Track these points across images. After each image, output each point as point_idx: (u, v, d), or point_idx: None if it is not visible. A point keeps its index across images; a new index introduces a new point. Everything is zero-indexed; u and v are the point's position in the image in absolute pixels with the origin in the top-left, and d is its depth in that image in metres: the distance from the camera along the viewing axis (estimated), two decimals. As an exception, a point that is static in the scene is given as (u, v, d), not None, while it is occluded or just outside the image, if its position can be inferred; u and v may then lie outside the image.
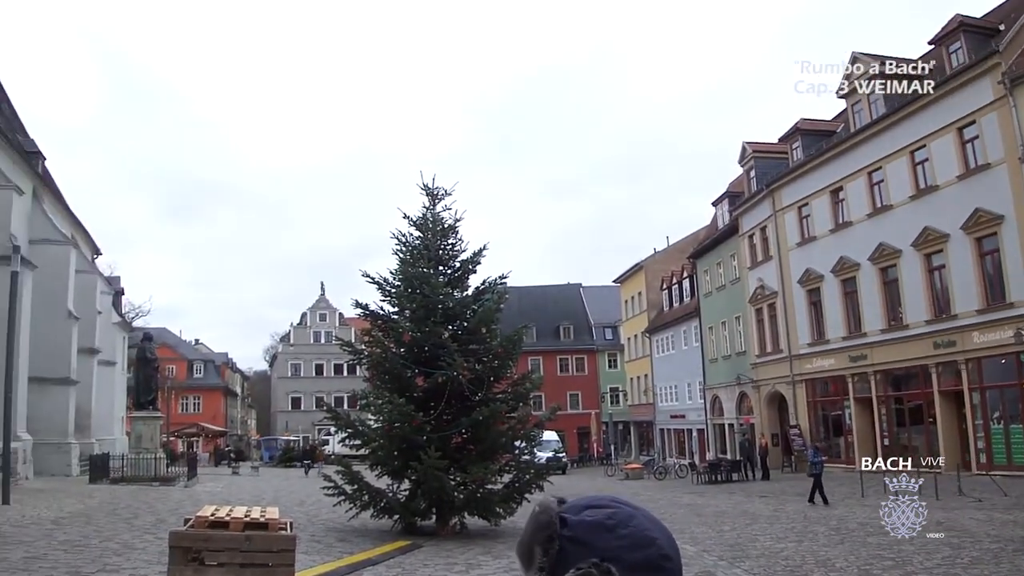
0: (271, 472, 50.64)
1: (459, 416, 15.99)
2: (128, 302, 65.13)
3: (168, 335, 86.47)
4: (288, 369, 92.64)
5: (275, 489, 30.48)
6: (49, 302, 33.74)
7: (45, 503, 21.03)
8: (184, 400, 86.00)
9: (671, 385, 56.93)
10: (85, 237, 46.26)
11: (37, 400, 31.98)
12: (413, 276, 16.92)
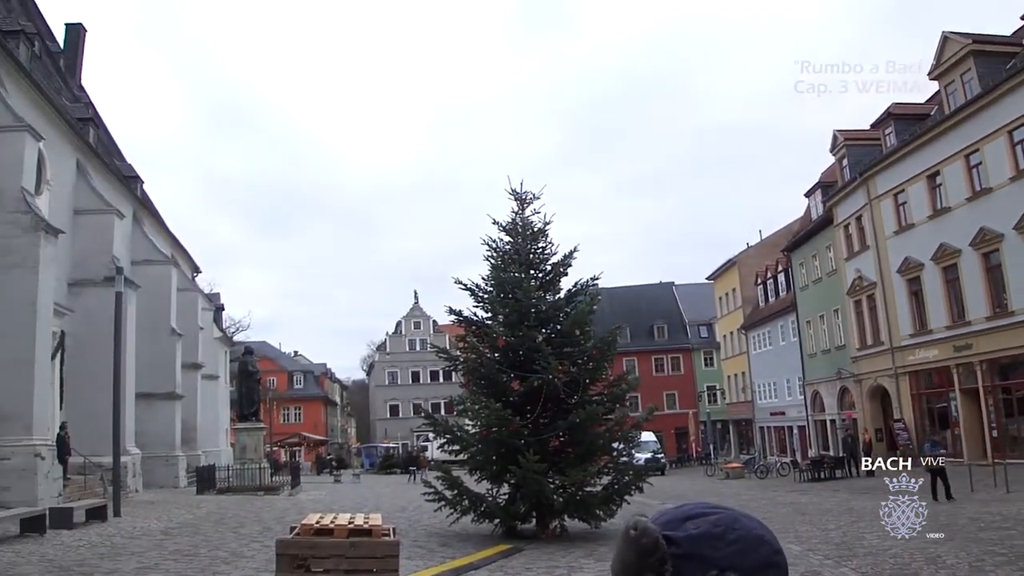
0: (372, 479, 51.31)
1: (556, 419, 15.90)
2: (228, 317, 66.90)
3: (268, 348, 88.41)
4: (385, 377, 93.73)
5: (376, 496, 30.83)
6: (153, 320, 34.80)
7: (155, 514, 21.63)
8: (285, 410, 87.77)
9: (770, 382, 55.89)
10: (184, 256, 47.59)
11: (145, 415, 33.04)
12: (505, 281, 16.90)
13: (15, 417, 21.11)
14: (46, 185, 26.95)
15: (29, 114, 24.85)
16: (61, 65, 39.57)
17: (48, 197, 26.86)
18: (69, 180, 30.04)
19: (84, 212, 30.39)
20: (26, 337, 21.69)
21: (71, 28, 44.83)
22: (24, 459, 20.86)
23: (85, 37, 45.41)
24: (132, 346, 28.97)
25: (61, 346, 27.15)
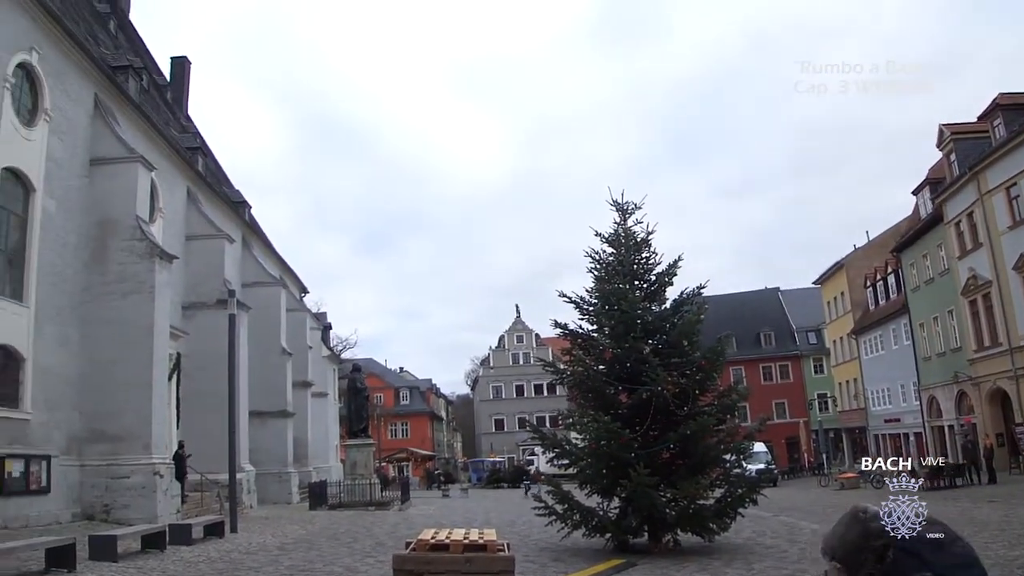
0: (480, 493, 51.46)
1: (666, 431, 15.63)
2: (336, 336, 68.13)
3: (374, 365, 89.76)
4: (490, 392, 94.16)
5: (485, 510, 30.85)
6: (264, 340, 35.65)
7: (270, 530, 22.02)
8: (393, 426, 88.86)
9: (883, 387, 54.15)
10: (292, 277, 48.69)
11: (258, 433, 33.81)
12: (610, 293, 16.71)
13: (135, 437, 21.81)
14: (159, 213, 27.89)
15: (141, 145, 25.77)
16: (168, 97, 41.02)
17: (161, 224, 27.79)
18: (181, 207, 31.05)
19: (196, 238, 31.36)
20: (144, 360, 22.40)
21: (176, 61, 46.57)
22: (144, 477, 21.52)
23: (190, 69, 47.06)
24: (245, 366, 29.67)
25: (177, 367, 27.98)
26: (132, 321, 22.60)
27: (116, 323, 22.47)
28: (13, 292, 19.75)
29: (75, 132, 22.76)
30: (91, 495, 21.26)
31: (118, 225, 23.24)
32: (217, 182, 38.81)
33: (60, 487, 20.15)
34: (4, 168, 19.26)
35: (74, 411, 21.64)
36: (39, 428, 19.92)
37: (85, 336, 22.31)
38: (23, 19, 20.10)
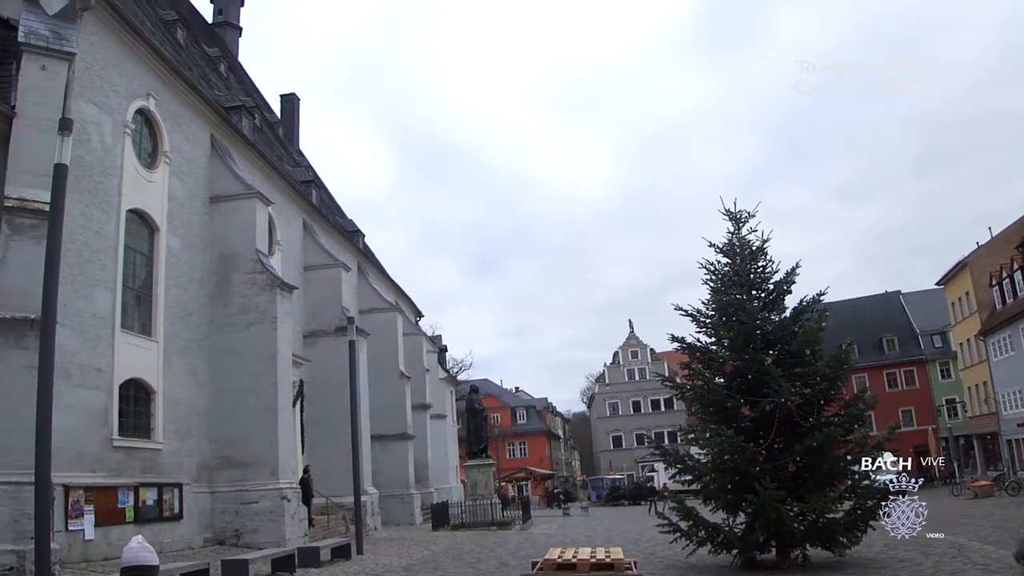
0: (600, 511, 51.05)
1: (790, 444, 15.15)
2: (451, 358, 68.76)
3: (491, 385, 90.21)
4: (606, 408, 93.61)
5: (607, 528, 30.55)
6: (382, 365, 36.19)
7: (396, 551, 22.23)
8: (511, 446, 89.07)
9: (1015, 390, 51.56)
10: (407, 302, 49.38)
11: (380, 455, 34.30)
12: (727, 304, 16.34)
13: (262, 463, 22.32)
14: (277, 246, 28.63)
15: (257, 181, 26.54)
16: (280, 133, 42.28)
17: (280, 256, 28.52)
18: (298, 239, 31.82)
19: (313, 268, 32.10)
20: (269, 387, 22.94)
21: (285, 99, 48.15)
22: (272, 502, 21.98)
23: (299, 105, 48.57)
24: (365, 390, 30.13)
25: (300, 394, 28.60)
26: (256, 351, 23.20)
27: (241, 353, 23.10)
28: (142, 328, 20.47)
29: (194, 172, 23.58)
30: (222, 520, 21.83)
31: (239, 259, 23.92)
32: (331, 213, 39.70)
33: (192, 513, 20.74)
34: (129, 210, 19.99)
35: (203, 439, 22.29)
36: (171, 457, 20.57)
37: (212, 367, 22.99)
38: (140, 68, 20.92)
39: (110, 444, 18.19)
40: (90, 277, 18.15)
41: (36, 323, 14.03)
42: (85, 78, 18.22)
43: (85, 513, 16.46)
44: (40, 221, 15.02)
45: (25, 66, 16.24)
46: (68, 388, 16.40)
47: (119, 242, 19.44)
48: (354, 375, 23.09)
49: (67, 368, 16.42)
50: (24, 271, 15.02)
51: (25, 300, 14.84)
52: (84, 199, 17.85)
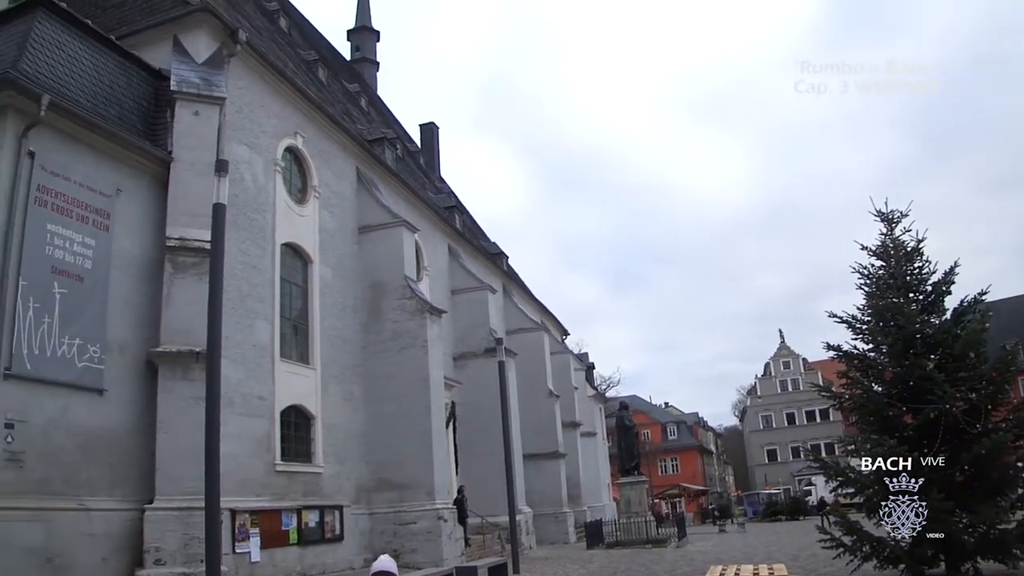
0: (757, 527, 49.57)
1: (957, 452, 14.28)
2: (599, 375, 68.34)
3: (639, 401, 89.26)
4: (759, 421, 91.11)
5: (765, 544, 29.58)
6: (531, 384, 36.25)
7: (551, 570, 22.09)
8: (663, 462, 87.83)
9: None
10: (552, 320, 49.39)
11: (532, 474, 34.29)
12: (884, 308, 15.57)
13: (418, 484, 22.60)
14: (425, 271, 29.09)
15: (402, 210, 27.08)
16: (421, 162, 43.11)
17: (428, 282, 28.96)
18: (444, 264, 32.29)
19: (460, 291, 32.49)
20: (422, 410, 23.24)
21: (424, 128, 49.25)
22: (429, 522, 22.21)
23: (438, 133, 49.56)
24: (516, 410, 30.19)
25: (453, 416, 28.87)
26: (409, 375, 23.58)
27: (394, 378, 23.53)
28: (300, 356, 21.08)
29: (342, 204, 24.22)
30: (380, 541, 22.14)
31: (389, 286, 24.41)
32: (474, 236, 40.16)
33: (352, 534, 21.12)
34: (283, 244, 20.66)
35: (361, 462, 22.75)
36: (330, 480, 21.05)
37: (367, 392, 23.48)
38: (287, 108, 21.68)
39: (273, 469, 18.74)
40: (249, 310, 18.80)
41: (201, 356, 14.61)
42: (235, 121, 18.94)
43: (251, 536, 16.97)
44: (201, 259, 15.67)
45: (179, 113, 16.99)
46: (232, 416, 16.97)
47: (275, 275, 20.11)
48: (505, 395, 23.15)
49: (231, 397, 17.01)
50: (188, 307, 15.66)
51: (189, 335, 15.46)
52: (240, 236, 18.51)
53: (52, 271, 14.14)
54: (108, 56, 17.03)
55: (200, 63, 17.99)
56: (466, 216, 42.83)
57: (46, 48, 15.29)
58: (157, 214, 16.51)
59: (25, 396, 13.32)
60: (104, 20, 18.76)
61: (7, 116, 13.82)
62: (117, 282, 15.47)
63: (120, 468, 14.90)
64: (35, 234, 13.91)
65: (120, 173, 15.94)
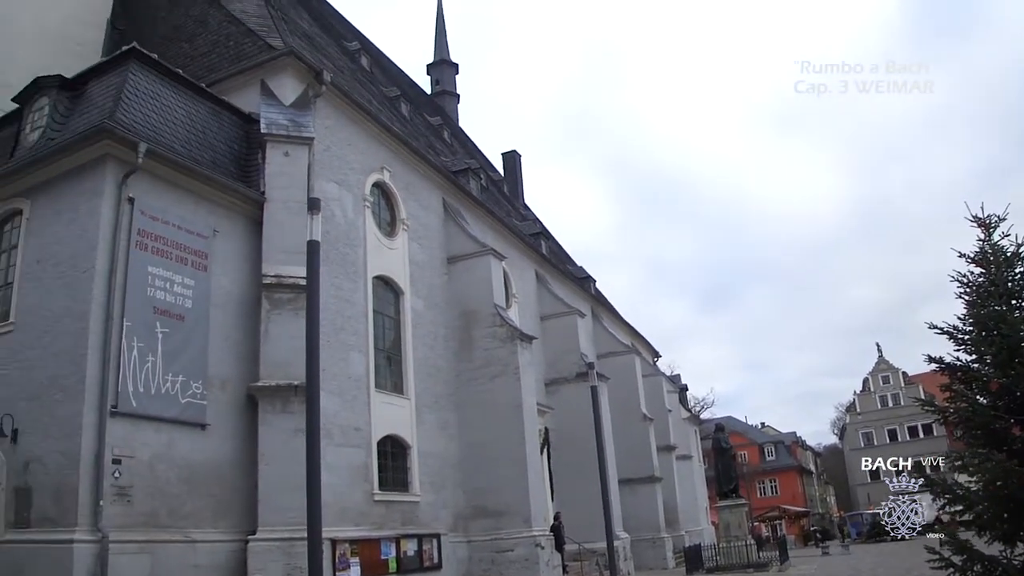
0: (861, 549, 48.06)
1: (1070, 463, 13.61)
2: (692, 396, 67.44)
3: (735, 422, 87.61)
4: (859, 439, 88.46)
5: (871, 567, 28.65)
6: (624, 408, 35.83)
7: (652, 596, 21.74)
8: (761, 484, 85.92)
9: None
10: (643, 343, 48.95)
11: (628, 499, 33.83)
12: (986, 317, 14.96)
13: (515, 511, 22.48)
14: (514, 298, 29.13)
15: (489, 239, 27.18)
16: (505, 190, 43.35)
17: (517, 309, 28.98)
18: (532, 290, 32.28)
19: (549, 317, 32.40)
20: (516, 437, 23.16)
21: (507, 156, 49.60)
22: (526, 550, 22.04)
23: (520, 161, 49.80)
24: (609, 435, 29.88)
25: (547, 442, 28.71)
26: (501, 402, 23.55)
27: (487, 405, 23.54)
28: (394, 386, 21.26)
29: (430, 235, 24.46)
30: (479, 569, 22.10)
31: (479, 314, 24.50)
32: (561, 262, 40.10)
33: (450, 563, 21.11)
34: (375, 276, 20.93)
35: (457, 490, 22.76)
36: (427, 508, 21.09)
37: (461, 420, 23.52)
38: (373, 144, 22.05)
39: (371, 498, 18.85)
40: (344, 342, 19.05)
41: (300, 389, 14.84)
42: (324, 159, 19.32)
43: (351, 565, 17.07)
44: (296, 294, 15.98)
45: (269, 154, 17.46)
46: (331, 448, 17.16)
47: (368, 308, 20.37)
48: (598, 420, 22.93)
49: (329, 429, 17.19)
50: (285, 341, 16.01)
51: (288, 368, 15.78)
52: (333, 270, 18.81)
53: (154, 311, 14.60)
54: (200, 103, 17.61)
55: (288, 105, 18.46)
56: (552, 242, 42.85)
57: (141, 98, 15.87)
58: (252, 253, 16.93)
59: (131, 432, 13.75)
60: (194, 69, 19.44)
61: (107, 164, 14.39)
62: (216, 319, 15.90)
63: (223, 500, 15.22)
64: (137, 276, 14.39)
65: (216, 215, 16.43)
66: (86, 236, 14.28)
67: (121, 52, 16.55)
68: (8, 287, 15.34)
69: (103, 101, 15.57)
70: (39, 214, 15.24)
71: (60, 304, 14.20)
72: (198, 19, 22.16)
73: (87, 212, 14.45)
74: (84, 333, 13.64)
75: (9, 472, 13.65)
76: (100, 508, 12.92)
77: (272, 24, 20.94)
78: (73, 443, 13.10)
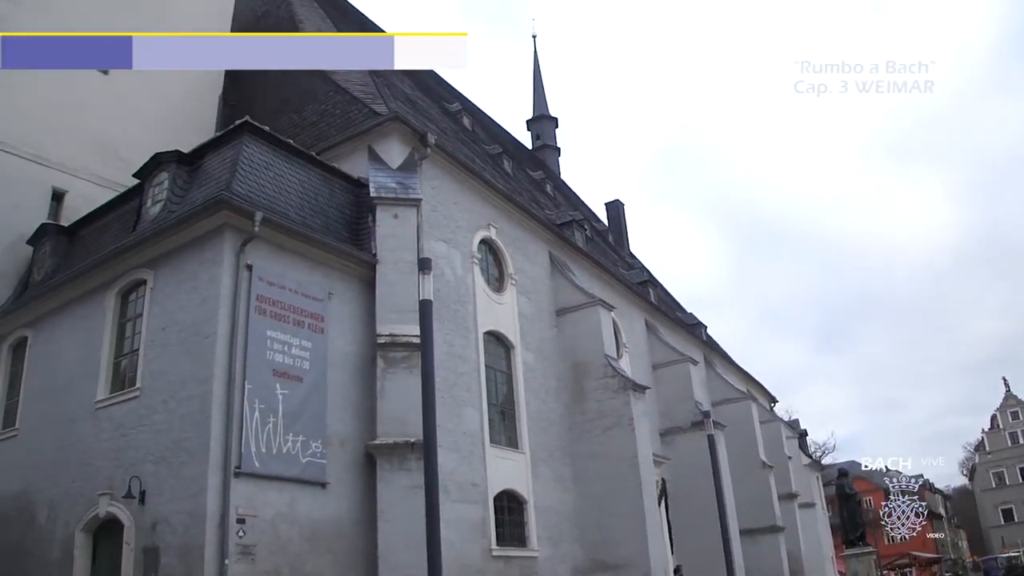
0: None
1: None
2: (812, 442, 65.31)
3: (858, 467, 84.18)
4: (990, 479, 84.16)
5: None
6: (742, 456, 34.78)
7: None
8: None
9: None
10: (759, 388, 47.66)
11: (750, 550, 32.62)
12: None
13: (634, 564, 21.82)
14: (624, 348, 28.72)
15: (597, 289, 26.94)
16: (610, 240, 43.15)
17: (628, 358, 28.55)
18: (642, 339, 31.79)
19: (661, 365, 31.80)
20: (633, 489, 22.60)
21: (610, 205, 49.75)
22: (648, 602, 21.46)
23: (624, 210, 49.75)
24: (728, 484, 29.03)
25: (664, 493, 28.04)
26: (616, 454, 23.06)
27: (602, 457, 23.08)
28: (509, 440, 21.08)
29: (538, 289, 24.36)
30: (601, 623, 21.57)
31: (590, 365, 24.17)
32: (670, 309, 39.52)
33: (572, 617, 20.67)
34: (485, 332, 20.95)
35: (575, 544, 22.24)
36: (546, 563, 20.68)
37: (576, 473, 23.11)
38: (478, 202, 22.25)
39: (490, 554, 18.61)
40: (458, 398, 19.05)
41: (416, 446, 14.84)
42: (432, 219, 19.54)
43: (472, 622, 16.86)
44: (410, 352, 16.08)
45: (379, 217, 17.73)
46: (448, 504, 16.95)
47: (480, 363, 20.39)
48: (717, 470, 22.30)
49: (446, 485, 17.00)
50: (401, 399, 16.07)
51: (404, 426, 15.80)
52: (445, 327, 18.84)
53: (274, 374, 14.84)
54: (311, 170, 18.06)
55: (395, 168, 18.78)
56: (660, 289, 42.29)
57: (255, 168, 16.35)
58: (366, 313, 17.14)
59: (255, 492, 13.93)
60: (304, 138, 20.00)
61: (225, 234, 14.81)
62: (333, 379, 16.10)
63: (344, 557, 15.25)
64: (257, 341, 14.68)
65: (330, 278, 16.72)
66: (207, 303, 14.68)
67: (235, 125, 17.12)
68: (135, 354, 15.95)
69: (219, 173, 16.10)
70: (162, 283, 15.79)
71: (184, 369, 14.60)
72: (306, 90, 22.83)
73: (208, 280, 14.88)
74: (208, 397, 13.96)
75: (138, 532, 14.03)
76: (225, 567, 13.06)
77: (376, 91, 21.45)
78: (199, 503, 13.34)
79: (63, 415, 16.79)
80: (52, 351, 18.04)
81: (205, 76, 25.08)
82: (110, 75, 22.51)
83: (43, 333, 18.56)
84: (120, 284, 16.75)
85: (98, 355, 16.51)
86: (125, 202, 18.69)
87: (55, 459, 16.57)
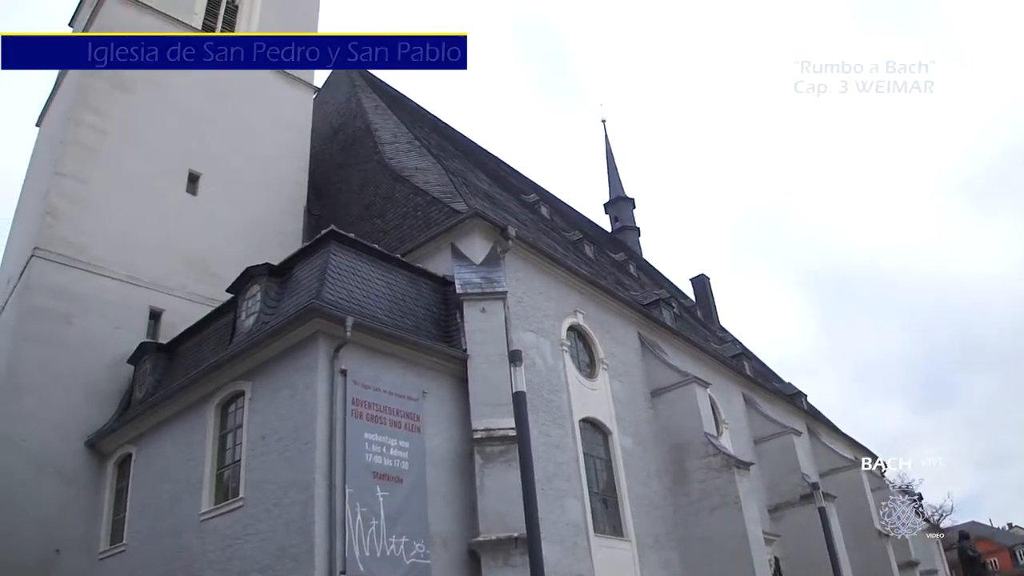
0: None
1: None
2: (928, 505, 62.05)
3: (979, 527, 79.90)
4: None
5: None
6: (855, 526, 33.27)
7: None
8: (1025, 591, 77.46)
9: None
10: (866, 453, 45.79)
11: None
12: None
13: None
14: (724, 425, 27.95)
15: (690, 367, 26.36)
16: (699, 315, 42.46)
17: (729, 435, 27.75)
18: (741, 414, 30.90)
19: (763, 439, 30.77)
20: (746, 570, 21.63)
21: (696, 280, 49.10)
22: None
23: (710, 284, 48.97)
24: (844, 558, 27.68)
25: (778, 571, 26.90)
26: (725, 534, 22.16)
27: (710, 539, 22.19)
28: (613, 529, 20.46)
29: (630, 371, 23.92)
30: None
31: (690, 445, 23.48)
32: (767, 380, 38.46)
33: None
34: (581, 419, 20.58)
35: (688, 630, 21.42)
36: (662, 651, 19.89)
37: (684, 557, 22.23)
38: (563, 289, 22.13)
39: (601, 647, 17.97)
40: (558, 489, 18.63)
41: (520, 540, 14.53)
42: (518, 310, 19.47)
43: None
44: (507, 446, 15.85)
45: (467, 313, 17.74)
46: (557, 597, 16.56)
47: (578, 451, 19.98)
48: (831, 543, 21.31)
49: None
50: (501, 493, 15.78)
51: (506, 520, 15.46)
52: (540, 418, 18.58)
53: (374, 476, 14.75)
54: (397, 272, 18.26)
55: (478, 264, 18.88)
56: (755, 361, 41.30)
57: (343, 275, 16.57)
58: (460, 409, 17.02)
59: (362, 596, 13.67)
60: (388, 241, 20.34)
61: (318, 341, 14.97)
62: (433, 478, 15.91)
63: (454, 658, 14.83)
64: (355, 444, 14.65)
65: (423, 376, 16.67)
66: (305, 410, 14.76)
67: (321, 235, 17.47)
68: (236, 464, 16.09)
69: (309, 282, 16.37)
70: (260, 393, 15.96)
71: (286, 476, 14.63)
72: (386, 196, 23.27)
73: (304, 387, 14.98)
74: (310, 502, 13.92)
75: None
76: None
77: (455, 190, 21.72)
78: (308, 610, 13.15)
79: (169, 528, 16.98)
80: (156, 466, 18.35)
81: (289, 190, 25.84)
82: (198, 195, 23.35)
83: (146, 449, 18.91)
84: (219, 397, 17.02)
85: (201, 467, 16.72)
86: (220, 316, 19.15)
87: (163, 572, 16.68)
